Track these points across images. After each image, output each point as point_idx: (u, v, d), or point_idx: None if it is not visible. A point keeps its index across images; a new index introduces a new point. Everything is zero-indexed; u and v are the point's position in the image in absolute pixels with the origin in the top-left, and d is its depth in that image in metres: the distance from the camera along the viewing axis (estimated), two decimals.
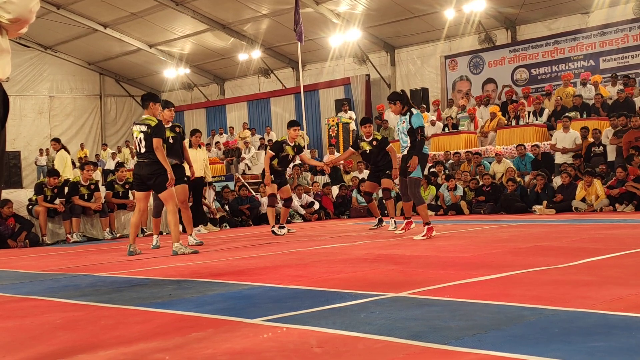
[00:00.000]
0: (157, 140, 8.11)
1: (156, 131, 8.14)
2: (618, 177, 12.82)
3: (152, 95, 8.55)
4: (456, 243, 7.69)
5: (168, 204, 8.27)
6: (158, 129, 8.16)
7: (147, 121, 8.22)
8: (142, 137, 8.17)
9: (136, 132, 8.23)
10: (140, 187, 8.46)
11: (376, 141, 10.71)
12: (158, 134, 8.15)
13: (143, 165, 8.27)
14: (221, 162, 22.60)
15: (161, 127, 8.26)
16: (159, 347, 3.15)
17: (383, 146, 10.70)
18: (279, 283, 5.00)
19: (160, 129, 8.20)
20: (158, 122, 8.24)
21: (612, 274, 4.65)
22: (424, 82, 23.56)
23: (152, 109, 8.37)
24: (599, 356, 2.59)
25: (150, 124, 8.17)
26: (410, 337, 3.03)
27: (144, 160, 8.25)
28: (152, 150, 8.13)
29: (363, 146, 10.80)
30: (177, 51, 27.72)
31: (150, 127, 8.15)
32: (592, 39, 19.90)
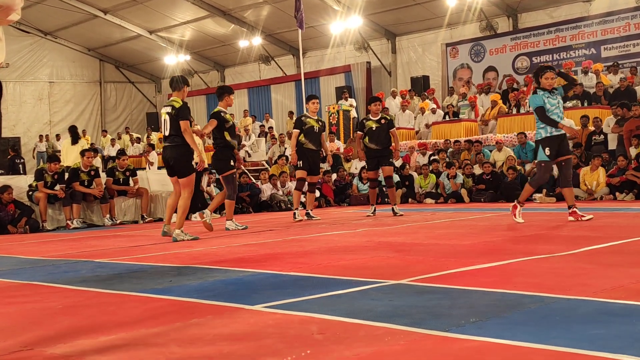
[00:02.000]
0: (184, 122, 7.99)
1: (181, 113, 8.01)
2: (619, 165, 12.81)
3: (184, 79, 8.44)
4: (456, 231, 7.69)
5: (185, 190, 8.22)
6: (183, 111, 8.02)
7: (172, 102, 8.14)
8: (168, 118, 8.11)
9: (163, 114, 8.20)
10: (170, 172, 8.42)
11: (384, 120, 10.80)
12: (184, 116, 8.02)
13: (167, 148, 8.24)
14: None
15: (186, 108, 8.13)
16: (159, 333, 3.15)
17: (389, 127, 10.79)
18: (279, 270, 5.00)
19: (185, 110, 8.06)
20: (183, 103, 8.13)
21: (612, 262, 4.64)
22: (425, 70, 23.51)
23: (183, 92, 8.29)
24: (600, 344, 2.58)
25: (174, 105, 8.08)
26: (411, 324, 3.03)
27: (168, 144, 8.21)
28: (177, 132, 8.04)
29: (369, 124, 10.77)
30: (177, 37, 27.64)
31: (175, 108, 8.05)
32: (593, 27, 19.84)
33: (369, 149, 10.86)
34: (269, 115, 25.53)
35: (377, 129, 10.71)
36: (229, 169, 9.34)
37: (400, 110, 19.60)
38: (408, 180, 15.49)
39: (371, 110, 10.94)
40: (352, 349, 2.70)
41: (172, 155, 8.15)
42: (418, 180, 15.50)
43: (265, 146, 22.27)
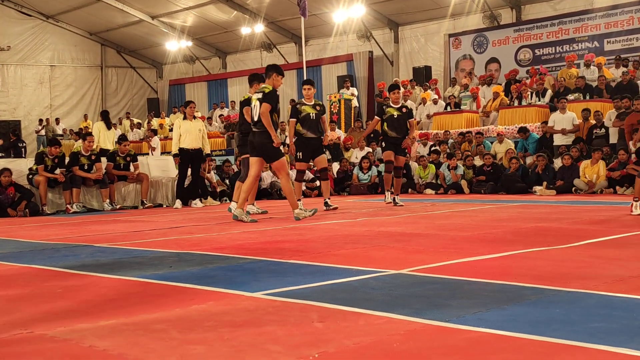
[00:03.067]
0: (265, 105, 8.31)
1: (267, 97, 8.34)
2: (620, 159, 12.80)
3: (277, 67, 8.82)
4: (456, 222, 7.69)
5: (280, 173, 8.62)
6: (268, 96, 8.35)
7: (263, 89, 8.50)
8: (257, 104, 8.45)
9: (254, 100, 8.54)
10: (252, 153, 8.69)
11: (405, 108, 10.83)
12: (268, 100, 8.34)
13: (256, 134, 8.54)
14: (222, 137, 22.57)
15: (274, 95, 8.46)
16: (159, 318, 3.15)
17: (409, 116, 10.82)
18: (279, 258, 5.00)
19: (271, 95, 8.39)
20: (272, 89, 8.48)
21: (613, 256, 4.65)
22: (427, 60, 23.45)
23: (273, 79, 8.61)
24: (600, 337, 2.59)
25: (264, 91, 8.43)
26: (411, 314, 3.04)
27: (257, 129, 8.51)
28: None
29: (390, 111, 10.70)
30: (179, 23, 27.55)
31: (264, 93, 8.40)
32: (597, 20, 19.77)
33: (389, 136, 10.78)
34: None
35: (399, 117, 10.67)
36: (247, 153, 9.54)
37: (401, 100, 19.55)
38: (405, 169, 15.46)
39: (391, 98, 10.87)
40: (352, 338, 2.70)
41: (260, 140, 8.48)
42: (418, 171, 15.49)
43: None
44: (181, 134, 12.24)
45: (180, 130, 12.26)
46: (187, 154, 12.26)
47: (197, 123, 12.61)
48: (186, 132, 12.23)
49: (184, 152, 12.23)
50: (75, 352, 2.66)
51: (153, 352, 2.59)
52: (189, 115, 12.40)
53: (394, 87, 11.08)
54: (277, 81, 8.63)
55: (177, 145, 12.24)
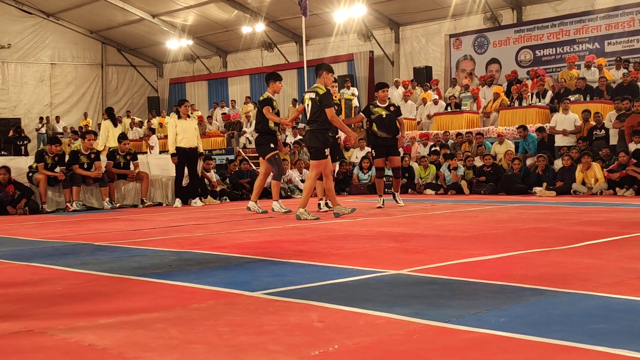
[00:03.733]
0: (329, 110, 8.50)
1: (326, 100, 8.51)
2: (620, 161, 12.79)
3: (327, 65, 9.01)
4: (456, 222, 7.69)
5: (312, 171, 8.77)
6: (326, 97, 8.51)
7: (316, 89, 8.64)
8: (310, 103, 8.60)
9: (307, 99, 8.66)
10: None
11: (393, 107, 10.52)
12: (328, 103, 8.53)
13: (307, 132, 8.74)
14: (222, 136, 22.57)
15: (329, 94, 8.64)
16: (159, 318, 3.15)
17: (398, 115, 10.53)
18: (279, 257, 5.00)
19: (328, 96, 8.56)
20: (327, 89, 8.63)
21: (613, 258, 4.65)
22: (428, 61, 23.45)
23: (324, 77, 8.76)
24: (600, 338, 2.59)
25: (318, 92, 8.57)
26: (412, 315, 3.04)
27: (309, 128, 8.69)
28: (316, 118, 8.53)
29: (378, 111, 10.32)
30: (180, 22, 27.55)
31: (318, 94, 8.53)
32: (598, 21, 19.77)
33: (378, 137, 10.42)
34: None
35: (388, 116, 10.31)
36: (270, 151, 9.73)
37: (402, 101, 19.56)
38: (408, 172, 15.49)
39: (379, 96, 10.43)
40: (352, 338, 2.70)
41: (308, 138, 8.69)
42: (418, 171, 15.49)
43: None
44: (177, 133, 12.23)
45: (176, 129, 12.24)
46: (184, 153, 12.25)
47: (192, 122, 12.60)
48: (182, 131, 12.22)
49: (180, 151, 12.22)
50: (75, 351, 2.66)
51: (153, 351, 2.59)
52: (183, 114, 12.39)
53: (382, 85, 10.66)
54: (328, 79, 8.83)
55: (174, 145, 12.23)
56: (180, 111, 12.45)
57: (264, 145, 9.83)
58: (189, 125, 12.35)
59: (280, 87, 10.04)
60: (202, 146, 13.62)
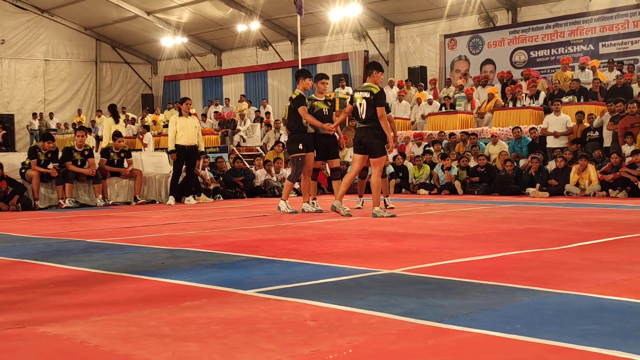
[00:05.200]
0: (381, 109, 8.50)
1: (379, 99, 8.54)
2: (613, 162, 12.82)
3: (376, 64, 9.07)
4: (450, 222, 7.70)
5: (375, 168, 8.74)
6: (380, 97, 8.55)
7: (369, 88, 8.67)
8: (364, 103, 8.61)
9: (359, 98, 8.68)
10: (357, 149, 8.87)
11: (330, 102, 10.09)
12: (380, 102, 8.54)
13: (362, 130, 8.75)
14: (216, 134, 22.53)
15: (383, 93, 8.71)
16: (151, 314, 3.14)
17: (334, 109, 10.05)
18: (272, 256, 4.99)
19: (382, 95, 8.62)
20: (380, 89, 8.69)
21: (605, 259, 4.66)
22: (423, 61, 23.47)
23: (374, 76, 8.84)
24: (592, 339, 2.59)
25: (372, 91, 8.60)
26: (404, 314, 3.03)
27: (363, 126, 8.71)
28: (372, 116, 8.55)
29: (318, 105, 9.63)
30: (175, 19, 27.52)
31: (372, 94, 8.57)
32: (592, 23, 19.83)
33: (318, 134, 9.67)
34: (266, 101, 25.46)
35: (329, 111, 9.75)
36: (297, 152, 9.57)
37: (396, 100, 19.58)
38: (402, 171, 15.51)
39: (317, 88, 9.78)
40: (345, 337, 2.70)
41: (367, 136, 8.67)
42: (412, 171, 15.51)
43: (260, 132, 22.22)
44: (177, 131, 12.24)
45: (176, 127, 12.26)
46: (183, 150, 12.25)
47: (193, 120, 12.62)
48: (182, 129, 12.24)
49: (180, 148, 12.22)
50: (67, 348, 2.64)
51: (145, 349, 2.58)
52: (184, 112, 12.40)
53: (322, 76, 10.00)
54: (378, 77, 8.88)
55: (174, 142, 12.24)
56: (182, 109, 12.46)
57: (292, 144, 9.64)
58: (190, 123, 12.35)
59: (310, 84, 9.79)
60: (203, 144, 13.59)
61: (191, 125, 12.36)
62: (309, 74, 9.89)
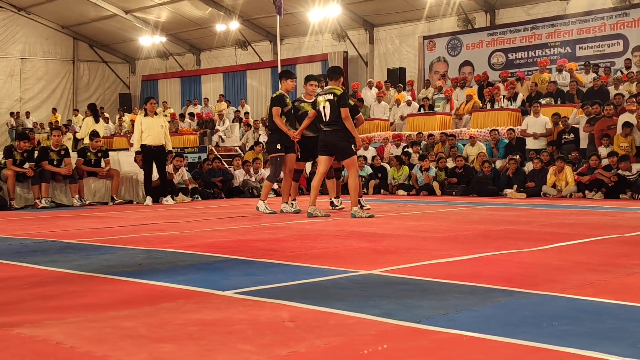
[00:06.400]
0: (344, 109, 8.50)
1: (342, 101, 8.53)
2: (591, 164, 12.94)
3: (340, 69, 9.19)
4: (428, 223, 7.72)
5: (350, 170, 8.75)
6: (343, 98, 8.55)
7: (332, 90, 8.67)
8: (328, 105, 8.60)
9: (322, 102, 8.67)
10: (322, 151, 8.85)
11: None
12: (344, 104, 8.53)
13: (327, 133, 8.71)
14: (194, 134, 22.44)
15: (346, 96, 8.74)
16: (128, 316, 3.11)
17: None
18: (250, 256, 4.98)
19: (345, 97, 8.63)
20: (343, 91, 8.73)
21: (581, 260, 4.69)
22: (402, 62, 23.55)
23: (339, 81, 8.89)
24: (569, 340, 2.61)
25: (335, 92, 8.61)
26: (382, 315, 3.04)
27: (328, 129, 8.67)
28: (337, 118, 8.53)
29: (305, 107, 9.53)
30: (153, 18, 27.35)
31: (336, 95, 8.55)
32: (570, 26, 20.02)
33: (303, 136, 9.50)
34: (245, 101, 25.39)
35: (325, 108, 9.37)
36: (275, 152, 9.53)
37: (375, 101, 19.62)
38: (381, 172, 15.55)
39: (306, 90, 9.70)
40: (323, 338, 2.69)
41: (332, 139, 8.67)
42: (391, 172, 15.55)
43: (239, 132, 22.16)
44: (143, 131, 12.11)
45: (142, 127, 12.13)
46: (149, 150, 12.12)
47: (159, 119, 12.46)
48: (147, 129, 12.11)
49: (146, 149, 12.10)
50: (42, 349, 2.61)
51: (121, 350, 2.56)
52: (149, 112, 12.28)
53: (311, 77, 9.90)
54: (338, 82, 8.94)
55: (139, 142, 12.13)
56: (147, 109, 12.35)
57: (271, 144, 9.65)
58: (155, 122, 12.23)
59: (292, 84, 9.79)
60: (173, 144, 13.45)
61: (157, 125, 12.23)
62: (292, 75, 9.89)
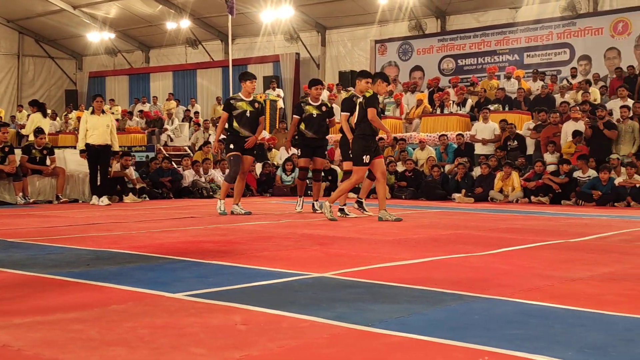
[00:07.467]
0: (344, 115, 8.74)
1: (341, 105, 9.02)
2: (536, 170, 13.21)
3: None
4: (378, 226, 7.77)
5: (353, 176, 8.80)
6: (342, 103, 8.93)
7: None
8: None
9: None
10: None
11: (325, 107, 10.01)
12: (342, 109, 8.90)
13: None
14: (143, 132, 22.15)
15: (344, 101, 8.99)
16: (77, 318, 3.05)
17: (329, 115, 9.99)
18: (202, 258, 4.93)
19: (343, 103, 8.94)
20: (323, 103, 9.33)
21: (528, 264, 4.78)
22: (354, 65, 23.65)
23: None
24: (517, 343, 2.65)
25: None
26: (335, 318, 3.04)
27: None
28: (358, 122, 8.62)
29: (309, 109, 9.80)
30: (102, 14, 26.89)
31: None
32: (518, 34, 20.41)
33: (306, 137, 9.86)
34: (195, 100, 25.17)
35: (318, 116, 9.80)
36: (229, 152, 9.60)
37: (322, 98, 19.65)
38: (331, 174, 15.58)
39: (311, 94, 9.94)
40: (276, 341, 2.69)
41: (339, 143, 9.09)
42: (341, 175, 15.58)
43: (189, 131, 21.95)
44: (88, 129, 11.84)
45: (87, 125, 11.86)
46: (93, 150, 11.84)
47: (105, 118, 12.07)
48: (92, 128, 11.80)
49: (90, 147, 11.82)
50: None
51: (71, 353, 2.51)
52: (96, 110, 11.98)
53: (316, 82, 10.11)
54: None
55: (84, 141, 11.85)
56: (94, 106, 12.05)
57: (226, 145, 9.73)
58: (101, 121, 11.87)
59: (253, 86, 9.73)
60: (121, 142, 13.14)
61: (103, 123, 11.88)
62: (252, 77, 9.80)
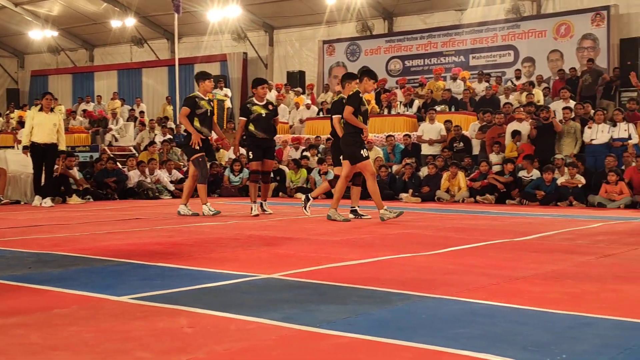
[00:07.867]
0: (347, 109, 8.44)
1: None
2: (481, 170, 13.42)
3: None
4: (326, 227, 7.78)
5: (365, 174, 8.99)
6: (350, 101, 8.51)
7: None
8: None
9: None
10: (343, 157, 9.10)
11: (272, 105, 9.78)
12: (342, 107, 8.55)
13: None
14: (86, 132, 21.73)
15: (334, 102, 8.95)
16: (18, 322, 2.97)
17: (274, 115, 9.76)
18: (147, 260, 4.86)
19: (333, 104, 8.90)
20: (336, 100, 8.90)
21: (474, 263, 4.84)
22: (302, 65, 23.68)
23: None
24: (464, 342, 2.68)
25: None
26: (283, 319, 3.03)
27: None
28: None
29: (257, 110, 9.46)
30: (44, 12, 26.31)
31: None
32: (464, 35, 20.71)
33: (257, 138, 9.52)
34: (140, 100, 24.82)
35: (267, 115, 9.51)
36: (195, 153, 9.32)
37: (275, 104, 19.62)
38: (279, 175, 15.56)
39: (257, 93, 9.59)
40: (223, 344, 2.66)
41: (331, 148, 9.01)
42: (289, 175, 15.59)
43: (134, 131, 21.63)
44: (33, 126, 11.54)
45: (33, 122, 11.56)
46: (38, 148, 11.55)
47: (53, 117, 11.78)
48: (38, 125, 11.51)
49: (34, 146, 11.54)
50: None
51: (12, 359, 2.44)
52: (45, 108, 11.69)
53: (262, 81, 9.90)
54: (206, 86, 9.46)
55: (28, 138, 11.55)
56: (43, 104, 11.78)
57: (188, 146, 9.37)
58: (48, 119, 11.59)
59: (211, 85, 9.67)
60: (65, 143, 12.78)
61: (50, 122, 11.60)
62: (209, 76, 9.74)
